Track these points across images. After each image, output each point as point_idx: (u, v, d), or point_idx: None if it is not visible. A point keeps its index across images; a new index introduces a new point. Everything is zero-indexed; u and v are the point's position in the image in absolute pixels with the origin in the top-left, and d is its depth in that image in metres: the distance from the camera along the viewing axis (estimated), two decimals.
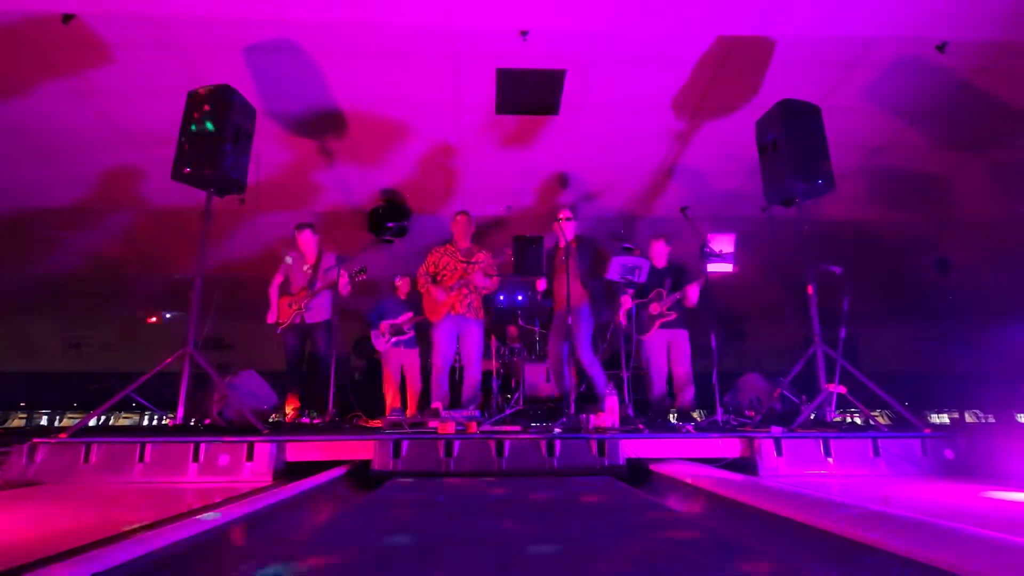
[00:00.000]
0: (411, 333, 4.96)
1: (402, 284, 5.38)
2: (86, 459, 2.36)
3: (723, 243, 3.14)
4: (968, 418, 17.50)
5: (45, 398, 14.63)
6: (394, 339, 4.97)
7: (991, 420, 16.98)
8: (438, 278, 4.05)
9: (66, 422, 15.48)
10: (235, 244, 8.02)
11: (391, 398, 5.07)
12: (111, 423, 15.63)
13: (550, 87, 4.66)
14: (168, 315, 13.65)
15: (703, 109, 4.98)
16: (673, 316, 3.94)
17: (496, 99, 4.79)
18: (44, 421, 15.17)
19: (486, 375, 5.42)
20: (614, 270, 3.19)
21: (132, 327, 13.61)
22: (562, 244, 3.84)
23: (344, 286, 4.17)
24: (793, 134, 3.33)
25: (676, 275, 4.16)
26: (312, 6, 3.65)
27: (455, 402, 4.13)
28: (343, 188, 6.37)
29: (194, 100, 3.28)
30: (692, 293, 3.85)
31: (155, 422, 15.68)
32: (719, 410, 2.89)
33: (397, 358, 5.04)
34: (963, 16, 3.75)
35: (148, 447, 2.38)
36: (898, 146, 5.60)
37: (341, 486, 2.20)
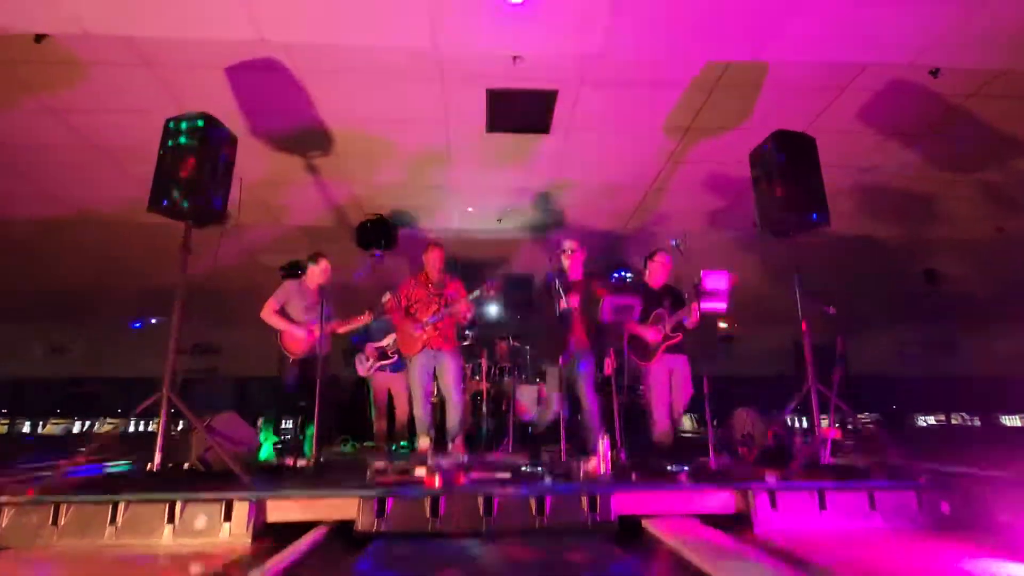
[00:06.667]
0: (396, 357, 4.85)
1: (390, 303, 5.26)
2: (54, 521, 2.25)
3: (717, 281, 3.07)
4: (954, 420, 17.73)
5: (27, 404, 14.34)
6: (378, 364, 4.87)
7: (976, 422, 17.18)
8: (411, 310, 3.96)
9: (49, 428, 15.20)
10: (219, 254, 7.85)
11: (378, 423, 4.98)
12: (96, 429, 15.40)
13: (542, 107, 4.58)
14: (153, 320, 13.38)
15: (695, 129, 4.92)
16: (679, 338, 3.83)
17: (487, 118, 4.71)
18: (27, 428, 14.89)
19: (476, 396, 5.34)
20: (606, 311, 3.12)
21: (116, 331, 13.30)
22: (569, 278, 3.76)
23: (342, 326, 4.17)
24: (787, 166, 3.27)
25: (674, 295, 4.03)
26: (294, 30, 3.53)
27: (441, 432, 4.03)
28: (330, 202, 6.25)
29: (172, 129, 3.15)
30: (695, 312, 3.72)
31: (140, 428, 15.46)
32: (712, 454, 2.82)
33: (383, 382, 4.94)
34: (955, 44, 3.70)
35: (120, 507, 2.27)
36: (890, 166, 5.58)
37: (323, 552, 2.12)
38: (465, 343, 5.42)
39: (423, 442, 3.71)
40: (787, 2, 3.30)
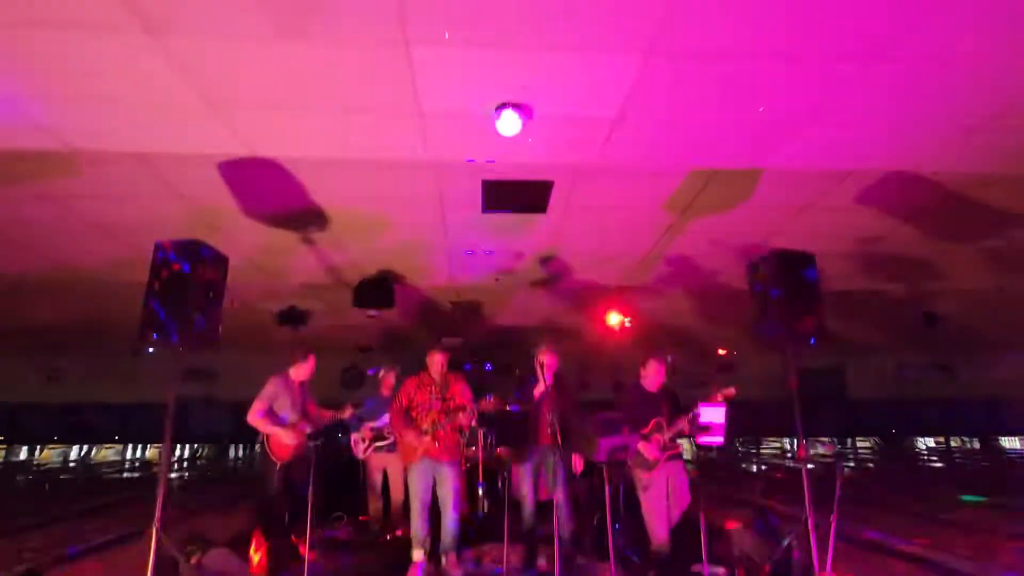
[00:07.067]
0: (392, 438, 4.81)
1: (386, 378, 5.23)
2: None
3: (713, 414, 3.04)
4: (954, 442, 17.66)
5: (24, 431, 14.28)
6: (374, 445, 4.83)
7: (975, 444, 17.12)
8: (412, 413, 3.89)
9: (46, 454, 15.16)
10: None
11: (374, 504, 4.95)
12: (94, 454, 15.37)
13: (538, 194, 4.55)
14: (151, 350, 13.26)
15: (693, 208, 4.88)
16: (678, 448, 3.75)
17: (483, 201, 4.68)
18: (23, 454, 14.86)
19: (471, 472, 5.30)
20: (603, 451, 3.09)
21: (112, 358, 13.25)
22: (543, 387, 3.77)
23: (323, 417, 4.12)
24: (786, 289, 3.23)
25: (671, 399, 3.94)
26: (285, 150, 3.50)
27: (436, 533, 3.97)
28: (326, 266, 6.22)
29: (161, 255, 3.11)
30: (698, 407, 3.68)
31: (138, 454, 15.43)
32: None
33: (379, 462, 4.91)
34: (951, 158, 3.66)
35: None
36: (890, 237, 5.55)
37: None
38: None
39: (417, 555, 3.68)
40: (780, 127, 3.26)
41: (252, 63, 2.58)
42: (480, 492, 5.10)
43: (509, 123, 2.89)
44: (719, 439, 3.08)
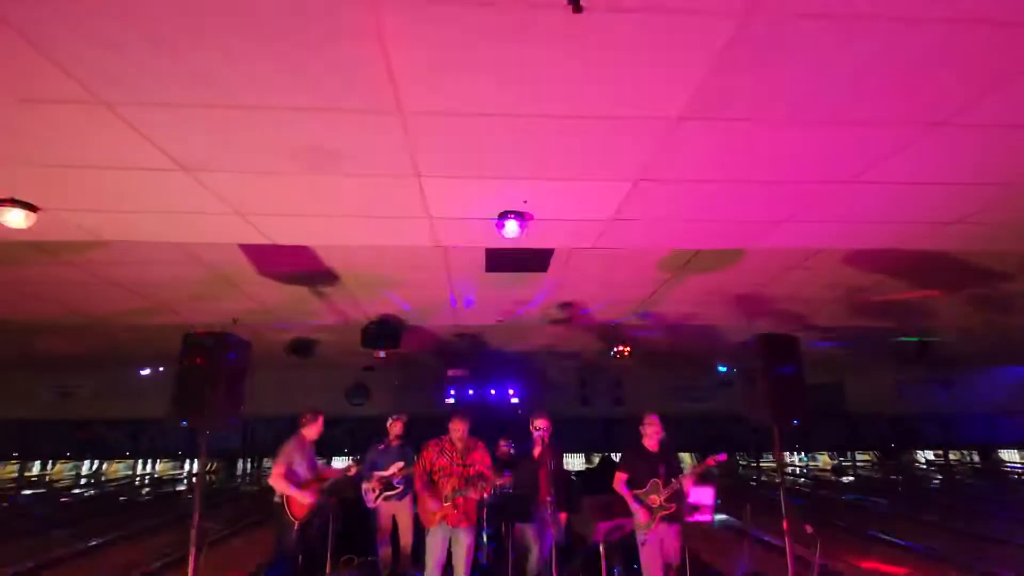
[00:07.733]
0: (401, 487, 5.04)
1: (395, 426, 5.43)
2: None
3: (703, 495, 3.26)
4: (953, 456, 17.74)
5: (36, 446, 14.56)
6: (384, 495, 5.06)
7: (975, 457, 17.17)
8: (435, 477, 4.12)
9: (58, 469, 15.46)
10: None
11: (382, 549, 5.18)
12: (104, 469, 15.67)
13: (538, 258, 4.78)
14: (161, 368, 13.58)
15: (686, 269, 5.11)
16: (672, 508, 3.82)
17: (486, 264, 4.91)
18: (36, 469, 15.16)
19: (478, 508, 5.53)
20: (600, 534, 3.31)
21: (122, 376, 13.49)
22: (541, 447, 4.10)
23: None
24: (770, 373, 3.45)
25: (668, 460, 4.03)
26: (301, 239, 3.74)
27: None
28: (336, 313, 6.46)
29: (190, 344, 3.35)
30: (688, 486, 3.79)
31: (148, 469, 15.71)
32: None
33: (388, 510, 5.13)
34: (923, 240, 3.87)
35: None
36: (879, 288, 5.75)
37: None
38: None
39: None
40: (759, 224, 3.49)
41: (277, 188, 2.83)
42: (485, 538, 5.32)
43: (510, 228, 3.13)
44: (707, 517, 3.30)
